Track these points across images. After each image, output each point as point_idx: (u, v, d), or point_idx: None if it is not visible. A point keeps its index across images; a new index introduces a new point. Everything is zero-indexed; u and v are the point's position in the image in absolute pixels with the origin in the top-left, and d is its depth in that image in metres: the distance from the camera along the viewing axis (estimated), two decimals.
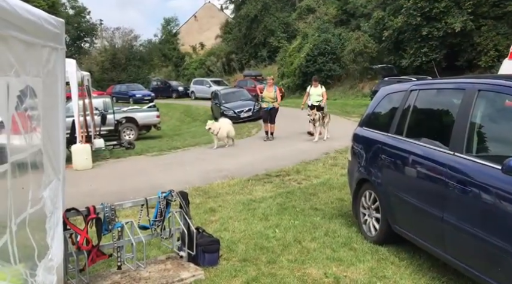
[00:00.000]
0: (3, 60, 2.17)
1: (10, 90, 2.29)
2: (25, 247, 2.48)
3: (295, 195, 6.58)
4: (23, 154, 2.53)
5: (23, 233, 2.44)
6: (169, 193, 4.17)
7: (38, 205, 2.76)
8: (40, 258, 2.71)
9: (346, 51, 26.37)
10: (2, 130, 2.19)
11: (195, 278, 3.88)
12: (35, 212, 2.69)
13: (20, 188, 2.49)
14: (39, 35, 2.68)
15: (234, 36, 41.20)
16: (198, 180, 7.90)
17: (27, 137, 2.69)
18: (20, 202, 2.36)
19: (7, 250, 2.18)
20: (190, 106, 28.38)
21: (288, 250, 4.49)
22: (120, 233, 3.85)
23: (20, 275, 2.31)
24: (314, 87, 13.19)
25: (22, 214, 2.37)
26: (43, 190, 2.88)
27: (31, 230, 2.55)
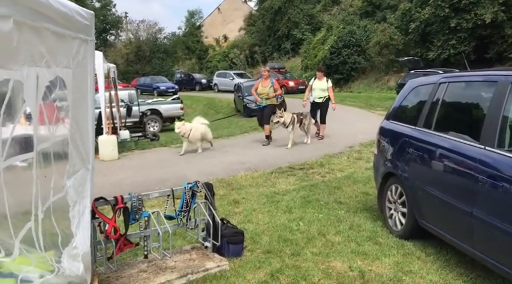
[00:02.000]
0: (34, 51, 2.21)
1: (39, 81, 2.33)
2: (51, 235, 2.54)
3: (319, 188, 6.55)
4: (47, 143, 2.58)
5: (48, 221, 2.49)
6: (195, 184, 4.21)
7: (60, 194, 2.80)
8: (64, 246, 2.77)
9: (372, 44, 25.96)
10: (30, 120, 2.23)
11: (219, 268, 3.91)
12: (58, 200, 2.74)
13: (43, 176, 2.54)
14: (70, 26, 2.72)
15: (257, 28, 41.09)
16: (222, 171, 7.94)
17: (52, 127, 2.74)
18: (44, 190, 2.41)
19: (32, 237, 2.22)
20: (214, 99, 28.49)
21: (312, 243, 4.48)
22: (146, 222, 3.90)
23: (47, 262, 2.36)
24: (318, 80, 11.00)
25: (46, 202, 2.42)
26: (66, 179, 2.93)
27: (55, 218, 2.61)
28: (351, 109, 17.75)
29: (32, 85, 2.09)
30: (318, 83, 11.00)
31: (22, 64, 2.00)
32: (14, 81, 1.87)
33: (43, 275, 2.24)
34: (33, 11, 2.09)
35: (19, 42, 1.92)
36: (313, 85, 11.11)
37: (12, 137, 1.94)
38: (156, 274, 3.80)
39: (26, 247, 2.00)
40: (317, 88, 10.98)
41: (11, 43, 1.83)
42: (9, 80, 1.84)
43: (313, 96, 11.08)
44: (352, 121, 14.06)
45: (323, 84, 10.99)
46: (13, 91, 1.87)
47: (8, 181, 1.80)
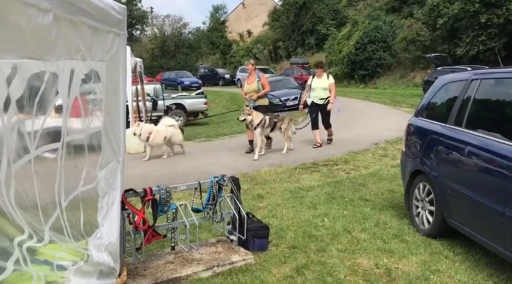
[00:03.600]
0: (71, 44, 2.26)
1: (74, 74, 2.38)
2: (77, 223, 2.60)
3: (344, 185, 6.50)
4: (80, 135, 2.63)
5: (75, 210, 2.55)
6: (222, 178, 4.24)
7: (91, 185, 2.87)
8: (88, 235, 2.83)
9: (398, 39, 25.54)
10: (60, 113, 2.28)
11: (245, 262, 3.94)
12: (88, 190, 2.81)
13: (73, 166, 2.59)
14: (104, 20, 2.77)
15: (281, 23, 40.92)
16: (245, 166, 7.97)
17: (87, 120, 2.80)
18: (72, 180, 2.47)
19: (60, 224, 2.28)
20: (237, 94, 28.46)
21: (337, 240, 4.46)
22: (174, 215, 3.96)
23: (77, 249, 2.43)
24: (318, 78, 9.32)
25: (74, 191, 2.47)
26: (99, 170, 3.00)
27: (83, 207, 2.67)
28: (376, 105, 17.55)
29: (66, 78, 2.14)
30: (318, 82, 9.29)
31: (59, 57, 2.04)
32: (49, 73, 1.92)
33: (75, 261, 2.30)
34: (71, 5, 2.14)
35: (57, 35, 1.97)
36: (312, 84, 9.37)
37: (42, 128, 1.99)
38: (182, 266, 3.85)
39: (55, 234, 2.06)
40: (317, 87, 9.28)
41: (49, 36, 1.88)
42: (46, 72, 1.88)
43: (312, 97, 9.43)
44: (377, 118, 13.90)
45: (324, 82, 9.25)
46: (48, 83, 1.91)
47: (38, 170, 1.85)
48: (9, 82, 1.54)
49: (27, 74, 1.67)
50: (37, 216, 1.79)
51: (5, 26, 1.45)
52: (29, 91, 1.71)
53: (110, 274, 3.18)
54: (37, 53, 1.75)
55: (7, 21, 1.45)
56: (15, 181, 1.56)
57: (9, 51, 1.50)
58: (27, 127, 1.76)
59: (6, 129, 1.53)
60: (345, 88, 26.94)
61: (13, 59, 1.56)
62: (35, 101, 1.80)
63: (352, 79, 28.47)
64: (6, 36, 1.47)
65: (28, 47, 1.66)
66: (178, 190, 4.27)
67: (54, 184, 2.10)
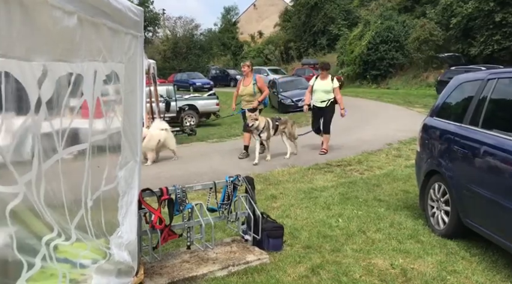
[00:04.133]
0: (93, 46, 2.31)
1: (97, 75, 2.43)
2: (99, 222, 2.64)
3: (358, 185, 6.49)
4: (102, 135, 2.68)
5: (97, 209, 2.60)
6: (236, 178, 4.27)
7: (112, 184, 2.92)
8: (109, 234, 2.88)
9: (410, 39, 25.38)
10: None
11: (260, 261, 3.96)
12: (109, 190, 2.85)
13: (96, 166, 2.64)
14: (123, 22, 2.81)
15: (293, 24, 40.95)
16: (258, 166, 7.99)
17: (108, 120, 2.84)
18: (96, 180, 2.51)
19: (84, 223, 2.32)
20: None
21: (352, 240, 4.46)
22: (190, 214, 3.99)
23: (100, 248, 2.47)
24: (321, 80, 8.77)
25: (97, 191, 2.52)
26: (118, 170, 3.05)
27: (104, 206, 2.72)
28: (389, 106, 17.46)
29: (90, 79, 2.19)
30: (321, 83, 8.76)
31: (83, 58, 2.09)
32: (75, 74, 1.96)
33: (97, 260, 2.34)
34: (93, 7, 2.18)
35: (81, 38, 2.01)
36: (314, 85, 8.83)
37: (69, 129, 2.03)
38: (198, 265, 3.88)
39: (80, 233, 2.10)
40: (319, 89, 8.74)
41: (74, 38, 1.92)
42: (72, 74, 1.93)
43: (314, 100, 8.87)
44: (390, 119, 13.83)
45: (327, 84, 8.73)
46: (74, 85, 1.96)
47: (64, 170, 1.90)
48: (40, 84, 1.58)
49: (56, 76, 1.71)
50: (63, 215, 1.83)
51: (35, 28, 1.49)
52: (57, 93, 1.76)
53: (128, 273, 3.22)
54: (64, 55, 1.80)
55: (37, 24, 1.49)
56: (45, 181, 1.61)
57: (39, 54, 1.55)
58: (55, 128, 1.80)
59: (37, 130, 1.57)
60: (357, 89, 26.86)
61: (43, 61, 1.60)
62: (63, 103, 1.84)
63: (364, 80, 28.36)
64: (37, 39, 1.51)
65: (56, 49, 1.70)
66: (193, 189, 4.31)
67: (80, 184, 2.15)
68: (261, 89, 8.64)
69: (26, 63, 1.48)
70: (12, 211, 1.37)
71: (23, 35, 1.43)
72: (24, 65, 1.46)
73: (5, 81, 1.35)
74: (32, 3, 1.46)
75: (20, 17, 1.40)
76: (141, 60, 3.54)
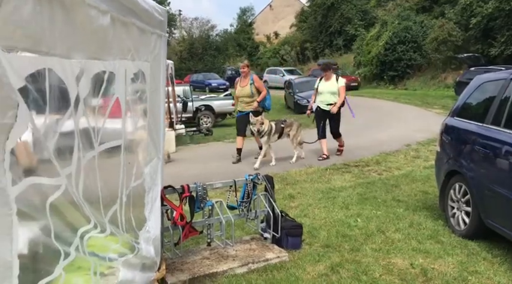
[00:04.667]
0: (123, 45, 2.37)
1: (127, 74, 2.49)
2: (129, 217, 2.71)
3: (376, 186, 6.47)
4: (132, 132, 2.75)
5: (128, 204, 2.67)
6: (256, 176, 4.31)
7: (140, 180, 2.99)
8: (139, 229, 2.95)
9: (428, 40, 25.08)
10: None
11: (279, 259, 3.99)
12: (137, 186, 2.92)
13: (127, 163, 2.71)
14: (149, 22, 2.88)
15: (309, 24, 40.83)
16: (275, 166, 8.00)
17: (136, 118, 2.91)
18: (128, 176, 2.58)
19: (117, 218, 2.39)
20: None
21: (371, 239, 4.46)
22: (210, 211, 4.05)
23: (129, 242, 2.53)
24: (325, 81, 8.25)
25: (129, 187, 2.59)
26: (144, 166, 3.12)
27: (133, 202, 2.79)
28: (406, 107, 17.31)
29: (121, 77, 2.25)
30: (326, 85, 8.21)
31: (115, 57, 2.16)
32: (108, 72, 2.03)
33: (125, 254, 2.40)
34: (124, 6, 2.25)
35: (113, 36, 2.08)
36: (319, 87, 8.31)
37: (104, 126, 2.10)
38: (218, 262, 3.93)
39: (113, 227, 2.16)
40: (325, 91, 8.18)
41: (108, 37, 1.99)
42: (106, 72, 1.99)
43: (318, 102, 8.31)
44: (408, 119, 13.71)
45: (332, 85, 8.17)
46: (107, 82, 2.02)
47: (100, 165, 1.96)
48: (78, 81, 1.64)
49: (91, 74, 1.77)
50: (99, 209, 1.90)
51: (74, 27, 1.55)
52: (92, 90, 1.82)
53: (152, 268, 3.29)
54: (98, 53, 1.86)
55: (76, 23, 1.55)
56: (83, 175, 1.67)
57: (77, 51, 1.61)
58: (92, 124, 1.87)
59: (76, 126, 1.63)
60: (374, 90, 26.67)
61: (81, 59, 1.66)
62: (97, 100, 1.91)
63: (382, 81, 28.14)
64: (75, 37, 1.57)
65: (91, 47, 1.76)
66: (213, 187, 4.37)
67: (115, 180, 2.21)
68: (259, 89, 8.19)
69: (67, 60, 1.54)
70: (53, 202, 1.43)
71: (64, 33, 1.49)
72: (65, 63, 1.52)
73: (48, 77, 1.41)
74: (71, 2, 1.52)
75: (62, 17, 1.46)
76: (165, 60, 3.62)
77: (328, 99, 8.20)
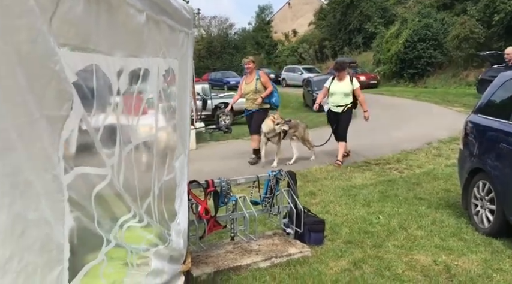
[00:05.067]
0: (156, 42, 2.45)
1: (159, 71, 2.58)
2: (162, 210, 2.80)
3: (397, 184, 6.45)
4: (164, 128, 2.84)
5: (160, 197, 2.76)
6: (279, 172, 4.37)
7: (172, 174, 3.08)
8: (171, 221, 3.04)
9: (450, 37, 24.70)
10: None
11: (302, 254, 4.04)
12: (169, 180, 3.01)
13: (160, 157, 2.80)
14: (179, 20, 2.96)
15: (327, 22, 40.63)
16: (296, 164, 8.03)
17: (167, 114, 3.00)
18: (160, 170, 2.67)
19: (151, 209, 2.47)
20: (281, 94, 28.42)
21: (393, 236, 4.47)
22: (234, 206, 4.12)
23: (162, 233, 2.62)
24: (338, 81, 7.59)
25: (161, 180, 2.67)
26: (175, 161, 3.21)
27: (165, 195, 2.87)
28: (427, 105, 17.11)
29: (155, 75, 2.33)
30: (339, 85, 7.56)
31: (149, 54, 2.24)
32: (143, 69, 2.11)
33: (157, 244, 2.49)
34: (157, 5, 2.33)
35: (148, 34, 2.16)
36: (330, 87, 7.63)
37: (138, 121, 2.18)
38: (242, 256, 4.01)
39: (148, 218, 2.25)
40: (337, 92, 7.55)
41: (143, 34, 2.07)
42: (141, 68, 2.07)
43: (330, 103, 7.73)
44: (429, 118, 13.56)
45: (346, 86, 7.53)
46: (143, 79, 2.10)
47: (136, 158, 2.05)
48: (118, 77, 1.72)
49: (129, 70, 1.85)
50: (136, 201, 1.98)
51: (116, 25, 1.63)
52: (130, 86, 1.90)
53: (178, 260, 3.37)
54: (135, 51, 1.94)
55: (117, 21, 1.63)
56: (124, 167, 1.75)
57: (118, 49, 1.69)
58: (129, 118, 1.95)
59: (117, 120, 1.72)
60: (394, 88, 26.41)
61: (121, 56, 1.74)
62: (133, 96, 1.99)
63: (401, 79, 27.82)
64: (117, 35, 1.65)
65: (130, 45, 1.85)
66: (237, 183, 4.44)
67: (149, 173, 2.30)
68: (265, 86, 7.84)
69: (110, 57, 1.62)
70: (99, 191, 1.52)
71: (107, 31, 1.57)
72: (108, 59, 1.61)
73: (95, 73, 1.49)
74: (114, 1, 1.60)
75: (106, 15, 1.54)
76: (191, 58, 3.71)
77: (339, 101, 7.59)
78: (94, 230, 1.56)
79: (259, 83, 7.85)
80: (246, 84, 8.03)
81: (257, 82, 7.84)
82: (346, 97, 7.57)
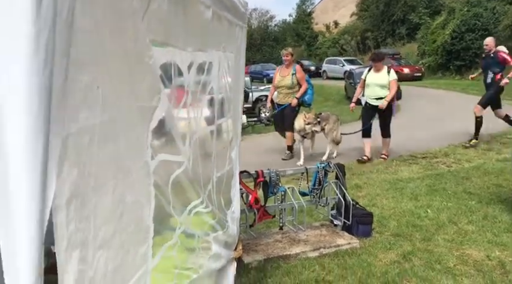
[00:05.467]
0: (218, 37, 2.55)
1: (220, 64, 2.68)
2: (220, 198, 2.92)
3: (445, 178, 6.33)
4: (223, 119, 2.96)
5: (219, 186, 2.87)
6: (327, 164, 4.41)
7: (231, 164, 3.21)
8: (227, 209, 3.16)
9: (501, 27, 23.66)
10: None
11: (350, 246, 4.08)
12: (229, 169, 3.15)
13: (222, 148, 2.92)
14: (235, 14, 3.04)
15: (370, 13, 39.79)
16: (338, 157, 8.01)
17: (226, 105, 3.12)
18: (222, 159, 2.78)
19: (211, 197, 2.59)
20: (322, 86, 28.29)
21: (443, 230, 4.43)
22: (283, 196, 4.21)
23: (222, 219, 2.74)
24: (375, 72, 7.31)
25: (223, 169, 2.79)
26: (232, 151, 3.33)
27: (224, 184, 3.00)
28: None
29: (216, 68, 2.44)
30: (375, 76, 7.27)
31: (212, 48, 2.34)
32: (208, 63, 2.21)
33: (217, 230, 2.61)
34: (220, 1, 2.43)
35: (212, 29, 2.26)
36: (367, 79, 7.38)
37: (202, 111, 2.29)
38: (290, 245, 4.09)
39: (210, 205, 2.37)
40: (373, 83, 7.24)
41: (208, 29, 2.17)
42: (206, 62, 2.18)
43: (367, 96, 7.42)
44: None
45: (382, 77, 7.22)
46: (207, 72, 2.21)
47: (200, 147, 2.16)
48: (189, 71, 1.83)
49: (197, 64, 1.96)
50: (201, 187, 2.10)
51: (189, 20, 1.74)
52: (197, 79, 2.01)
53: (231, 246, 3.50)
54: (202, 45, 2.05)
55: (190, 16, 1.74)
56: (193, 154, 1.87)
57: (189, 44, 1.79)
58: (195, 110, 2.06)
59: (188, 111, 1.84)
60: (439, 80, 25.61)
61: (191, 50, 1.85)
62: (198, 88, 2.10)
63: (447, 71, 26.93)
64: (189, 30, 1.76)
65: (198, 39, 1.95)
66: (285, 174, 4.53)
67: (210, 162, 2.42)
68: (299, 82, 7.62)
69: (184, 52, 1.73)
70: (176, 176, 1.64)
71: (183, 27, 1.68)
72: (182, 54, 1.71)
73: (173, 67, 1.60)
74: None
75: (183, 11, 1.64)
76: (244, 51, 3.80)
77: (377, 93, 7.25)
78: (170, 214, 1.68)
79: (295, 78, 7.65)
80: (281, 77, 7.79)
81: (293, 77, 7.63)
82: (384, 89, 7.24)
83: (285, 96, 7.78)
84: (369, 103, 7.43)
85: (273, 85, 7.98)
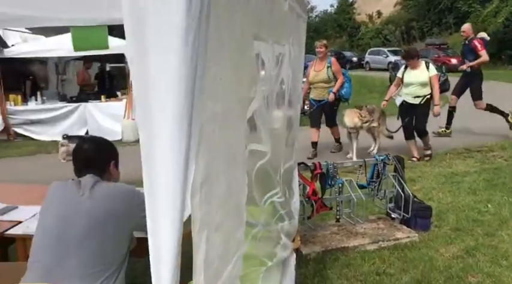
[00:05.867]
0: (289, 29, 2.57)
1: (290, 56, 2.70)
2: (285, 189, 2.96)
3: (504, 172, 6.10)
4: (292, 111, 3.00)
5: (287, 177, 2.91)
6: (386, 157, 4.36)
7: (296, 156, 3.25)
8: (291, 200, 3.20)
9: None
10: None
11: (410, 239, 4.03)
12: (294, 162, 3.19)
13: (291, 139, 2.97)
14: (301, 6, 3.06)
15: (415, 2, 38.62)
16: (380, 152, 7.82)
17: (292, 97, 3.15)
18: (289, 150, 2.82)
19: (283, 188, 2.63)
20: (366, 77, 27.74)
21: (506, 226, 4.28)
22: (340, 189, 4.20)
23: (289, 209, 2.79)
24: (412, 69, 6.70)
25: (290, 160, 2.83)
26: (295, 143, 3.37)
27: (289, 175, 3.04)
28: None
29: (287, 61, 2.46)
30: (413, 74, 6.65)
31: (285, 40, 2.37)
32: (282, 55, 2.24)
33: (285, 220, 2.65)
34: None
35: (286, 21, 2.28)
36: (404, 77, 6.76)
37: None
38: (348, 237, 4.09)
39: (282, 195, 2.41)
40: (413, 82, 6.63)
41: (284, 22, 2.19)
42: (280, 54, 2.21)
43: (404, 95, 6.82)
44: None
45: (422, 74, 6.61)
46: (281, 63, 2.24)
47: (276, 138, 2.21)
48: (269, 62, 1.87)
49: (275, 56, 2.00)
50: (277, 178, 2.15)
51: (272, 14, 1.77)
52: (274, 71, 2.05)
53: (291, 236, 3.54)
54: (279, 37, 2.08)
55: (273, 10, 1.77)
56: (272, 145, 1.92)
57: (270, 36, 1.83)
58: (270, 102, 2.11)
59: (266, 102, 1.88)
60: (489, 71, 24.51)
61: (272, 43, 1.88)
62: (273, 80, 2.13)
63: (499, 61, 25.76)
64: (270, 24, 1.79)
65: (276, 32, 1.98)
66: (343, 166, 4.51)
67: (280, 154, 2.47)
68: (336, 75, 7.17)
69: (266, 44, 1.76)
70: (259, 166, 1.69)
71: (268, 20, 1.71)
72: (266, 46, 1.75)
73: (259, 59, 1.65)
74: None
75: (269, 5, 1.68)
76: (304, 42, 3.80)
77: (415, 91, 6.65)
78: (254, 201, 1.73)
79: (330, 71, 7.18)
80: (315, 71, 7.27)
81: (328, 71, 7.16)
82: (425, 87, 6.61)
83: (321, 90, 7.30)
84: (407, 102, 6.82)
85: (307, 81, 7.40)
